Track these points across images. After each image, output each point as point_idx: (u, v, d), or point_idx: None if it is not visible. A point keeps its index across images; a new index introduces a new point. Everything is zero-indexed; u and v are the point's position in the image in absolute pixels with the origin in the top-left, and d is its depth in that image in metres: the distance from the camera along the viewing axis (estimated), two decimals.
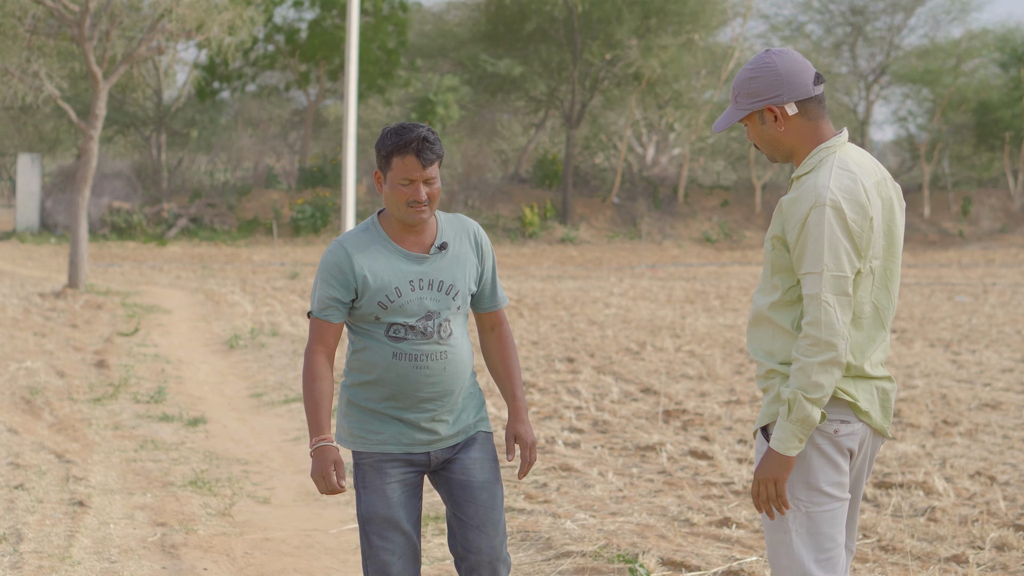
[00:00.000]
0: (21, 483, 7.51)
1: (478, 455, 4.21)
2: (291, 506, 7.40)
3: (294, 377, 12.12)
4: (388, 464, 4.12)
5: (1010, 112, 42.56)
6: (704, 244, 39.95)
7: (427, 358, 4.09)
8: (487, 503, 4.17)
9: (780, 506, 3.62)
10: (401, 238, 4.13)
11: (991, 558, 6.19)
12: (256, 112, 43.94)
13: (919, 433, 9.57)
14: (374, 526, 4.11)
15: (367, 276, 4.05)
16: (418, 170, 4.02)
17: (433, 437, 4.14)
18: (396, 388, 4.09)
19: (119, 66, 20.74)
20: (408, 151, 4.02)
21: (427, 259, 4.12)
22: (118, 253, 33.12)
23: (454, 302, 4.14)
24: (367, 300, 4.06)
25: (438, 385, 4.11)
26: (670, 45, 39.40)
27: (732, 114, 3.77)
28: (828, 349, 3.52)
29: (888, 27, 45.22)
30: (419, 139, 4.01)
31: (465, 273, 4.17)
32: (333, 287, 4.07)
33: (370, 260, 4.07)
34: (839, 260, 3.55)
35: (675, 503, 7.26)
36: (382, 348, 4.08)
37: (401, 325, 4.07)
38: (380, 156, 4.07)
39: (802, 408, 3.53)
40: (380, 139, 4.09)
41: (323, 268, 4.10)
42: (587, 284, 25.97)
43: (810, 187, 3.62)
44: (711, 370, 12.91)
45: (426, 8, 44.75)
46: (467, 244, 4.20)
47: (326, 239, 36.88)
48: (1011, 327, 17.60)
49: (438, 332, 4.11)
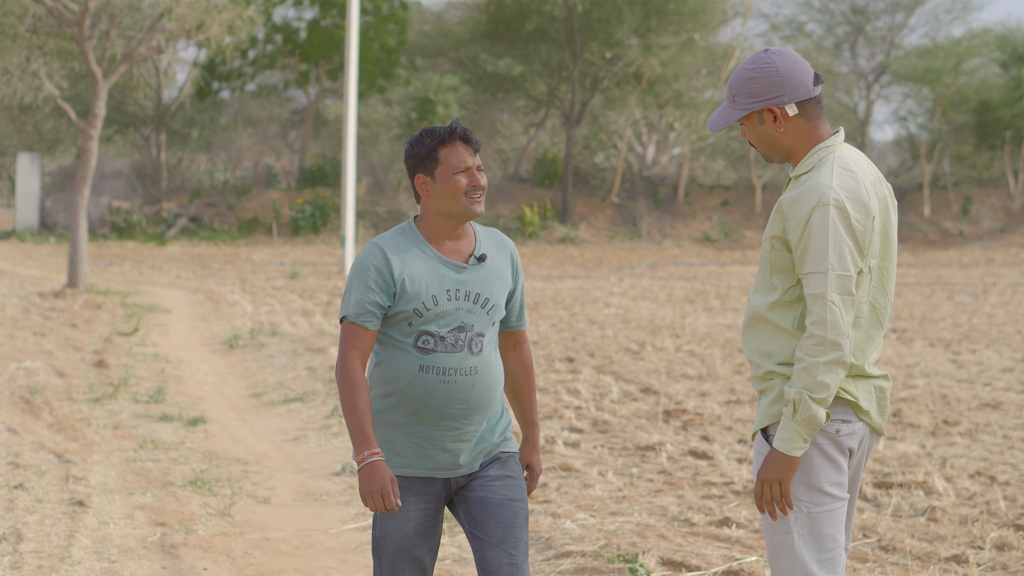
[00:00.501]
0: (21, 483, 7.51)
1: (497, 472, 4.01)
2: (291, 506, 7.39)
3: (293, 377, 12.12)
4: (408, 490, 3.92)
5: (1010, 111, 42.55)
6: (704, 244, 39.94)
7: (456, 373, 3.90)
8: (507, 520, 3.95)
9: (784, 507, 3.62)
10: (440, 244, 3.96)
11: (991, 558, 6.19)
12: (256, 112, 43.94)
13: (919, 433, 9.57)
14: (386, 552, 3.95)
15: (407, 279, 3.87)
16: (470, 155, 3.90)
17: (455, 460, 3.94)
18: (422, 404, 3.89)
19: (119, 65, 20.73)
20: (454, 139, 3.91)
21: (466, 269, 3.94)
22: (118, 253, 33.12)
23: (488, 316, 3.97)
24: (402, 306, 3.87)
25: (466, 402, 3.91)
26: (670, 44, 39.40)
27: (730, 113, 3.74)
28: (834, 349, 3.52)
29: (889, 26, 45.21)
30: (460, 127, 3.91)
31: (502, 288, 4.01)
32: (373, 291, 3.86)
33: (409, 264, 3.89)
34: (843, 259, 3.55)
35: (675, 503, 7.25)
36: (408, 359, 3.89)
37: (431, 335, 3.89)
38: (420, 157, 3.92)
39: (808, 408, 3.53)
40: (414, 143, 3.94)
41: (360, 271, 3.89)
42: (587, 284, 25.97)
43: (812, 186, 3.61)
44: (711, 370, 12.90)
45: (426, 7, 44.79)
46: (505, 260, 4.06)
47: (326, 239, 36.89)
48: (1011, 327, 17.59)
49: (469, 346, 3.92)
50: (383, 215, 39.07)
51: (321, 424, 9.82)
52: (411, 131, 37.71)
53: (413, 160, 3.95)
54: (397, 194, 40.41)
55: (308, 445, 9.11)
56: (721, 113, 3.78)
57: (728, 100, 3.76)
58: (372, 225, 38.14)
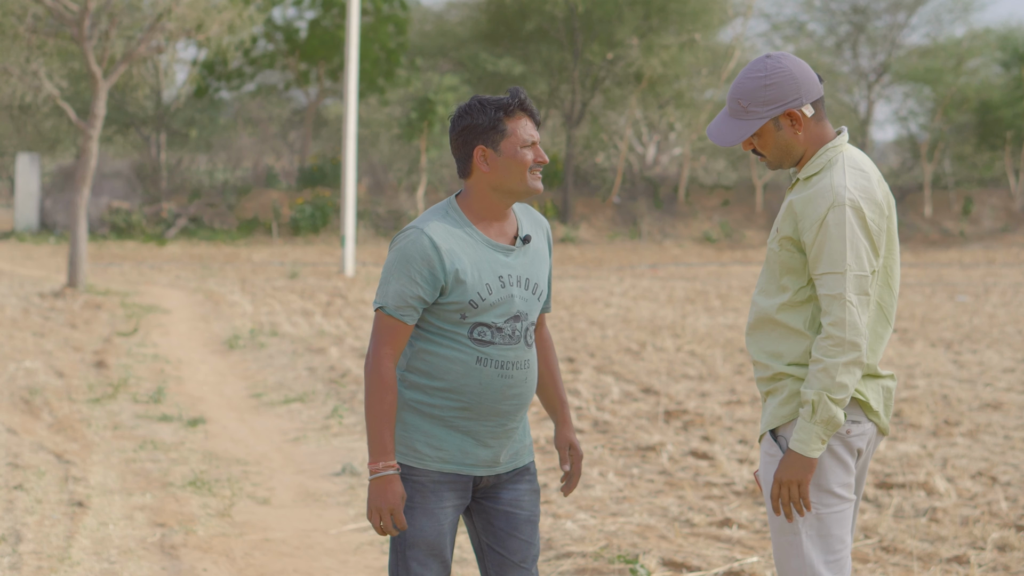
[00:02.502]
0: (20, 483, 7.49)
1: (527, 487, 3.82)
2: (291, 507, 7.38)
3: (294, 377, 12.10)
4: (446, 486, 3.68)
5: (1012, 111, 42.53)
6: (705, 244, 39.93)
7: (513, 366, 3.67)
8: (530, 538, 3.80)
9: (801, 508, 3.61)
10: (487, 226, 3.68)
11: (993, 559, 6.17)
12: (256, 111, 43.92)
13: (920, 433, 9.55)
14: (417, 552, 3.68)
15: (459, 271, 3.58)
16: (534, 128, 3.65)
17: (495, 458, 3.73)
18: (475, 398, 3.65)
19: (118, 65, 20.71)
20: (523, 111, 3.64)
21: (513, 251, 3.69)
22: (117, 253, 33.10)
23: (538, 303, 3.74)
24: (456, 297, 3.60)
25: (519, 397, 3.71)
26: (671, 44, 39.39)
27: (745, 124, 3.68)
28: (852, 349, 3.53)
29: (890, 26, 45.18)
30: (524, 97, 3.64)
31: (545, 271, 3.78)
32: (418, 284, 3.58)
33: (459, 252, 3.60)
34: (860, 259, 3.56)
35: (676, 503, 7.24)
36: (464, 351, 3.63)
37: (487, 326, 3.63)
38: (482, 128, 3.61)
39: (827, 409, 3.52)
40: (474, 112, 3.63)
41: (404, 260, 3.58)
42: (588, 284, 25.95)
43: (825, 187, 3.60)
44: (712, 370, 12.88)
45: (426, 7, 44.75)
46: (543, 240, 3.82)
47: (326, 239, 36.87)
48: (1012, 327, 17.57)
49: (525, 337, 3.70)
50: (383, 215, 39.06)
51: (321, 424, 9.81)
52: (412, 131, 37.68)
53: (472, 132, 3.64)
54: (397, 194, 40.40)
55: (308, 445, 9.09)
56: (732, 126, 3.70)
57: (736, 112, 3.69)
58: (372, 225, 38.13)
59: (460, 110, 3.68)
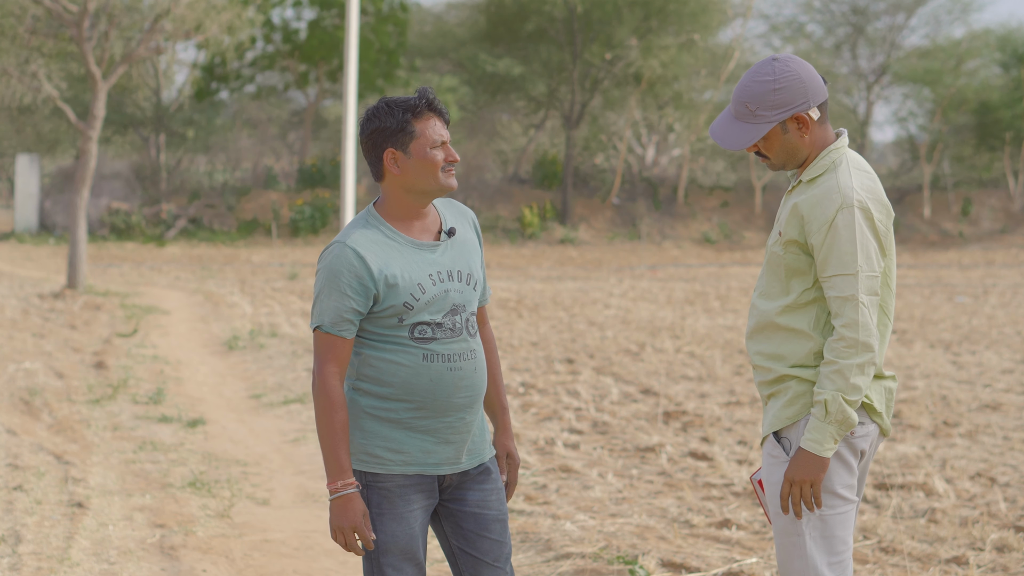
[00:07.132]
0: (20, 484, 7.50)
1: (492, 486, 3.81)
2: (290, 507, 7.38)
3: (293, 378, 12.10)
4: (411, 488, 3.69)
5: (1011, 112, 42.54)
6: (704, 245, 39.93)
7: (460, 358, 3.68)
8: (501, 536, 3.80)
9: (812, 506, 3.62)
10: (408, 227, 3.70)
11: (991, 559, 6.18)
12: (255, 112, 43.92)
13: (919, 434, 9.56)
14: (391, 557, 3.68)
15: (387, 276, 3.60)
16: (443, 127, 3.66)
17: (457, 455, 3.73)
18: (428, 395, 3.66)
19: (118, 67, 20.72)
20: (431, 111, 3.65)
21: (438, 247, 3.71)
22: (117, 254, 33.10)
23: (475, 292, 3.75)
24: (390, 302, 3.62)
25: (472, 388, 3.71)
26: (670, 45, 39.39)
27: (753, 128, 3.65)
28: (865, 351, 3.54)
29: (889, 27, 45.20)
30: (432, 97, 3.65)
31: (477, 260, 3.79)
32: (349, 297, 3.60)
33: (385, 258, 3.62)
34: (870, 260, 3.57)
35: (675, 504, 7.25)
36: (409, 352, 3.65)
37: (427, 324, 3.64)
38: (390, 131, 3.63)
39: (842, 410, 3.54)
40: (381, 115, 3.66)
41: (333, 276, 3.61)
42: (587, 285, 25.96)
43: (832, 188, 3.60)
44: (711, 371, 12.89)
45: (426, 8, 44.77)
46: (470, 230, 3.83)
47: (325, 239, 36.85)
48: (1011, 328, 17.58)
49: (466, 328, 3.71)
50: None
51: None
52: None
53: (380, 135, 3.65)
54: None
55: (308, 446, 9.10)
56: (739, 130, 3.68)
57: (743, 115, 3.67)
58: None
59: (368, 113, 3.69)
